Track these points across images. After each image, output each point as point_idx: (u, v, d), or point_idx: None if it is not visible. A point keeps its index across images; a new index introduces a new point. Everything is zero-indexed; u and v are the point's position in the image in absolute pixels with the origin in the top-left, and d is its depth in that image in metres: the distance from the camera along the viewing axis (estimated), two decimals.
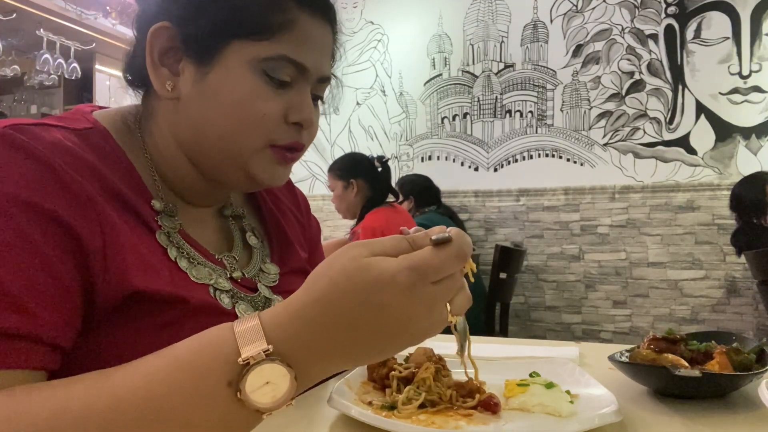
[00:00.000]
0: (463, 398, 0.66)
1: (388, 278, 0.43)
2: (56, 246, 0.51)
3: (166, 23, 0.64)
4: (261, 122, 0.63)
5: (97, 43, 3.75)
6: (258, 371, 0.43)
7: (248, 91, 0.62)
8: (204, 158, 0.67)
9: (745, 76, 3.21)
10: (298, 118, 0.65)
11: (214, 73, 0.62)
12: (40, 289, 0.49)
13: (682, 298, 3.30)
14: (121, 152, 0.64)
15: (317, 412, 0.65)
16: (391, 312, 0.43)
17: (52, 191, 0.52)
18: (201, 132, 0.65)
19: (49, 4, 3.31)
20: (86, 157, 0.58)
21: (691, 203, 3.29)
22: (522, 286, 3.57)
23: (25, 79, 3.85)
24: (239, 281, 0.70)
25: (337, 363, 0.46)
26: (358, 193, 2.58)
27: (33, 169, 0.52)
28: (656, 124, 3.36)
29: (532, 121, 3.64)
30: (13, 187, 0.50)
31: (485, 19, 3.76)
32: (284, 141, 0.65)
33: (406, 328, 0.44)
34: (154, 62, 0.64)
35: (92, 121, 0.65)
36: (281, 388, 0.43)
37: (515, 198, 3.65)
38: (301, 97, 0.65)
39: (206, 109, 0.63)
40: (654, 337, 0.79)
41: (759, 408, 0.67)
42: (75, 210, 0.53)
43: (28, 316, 0.47)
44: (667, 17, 3.35)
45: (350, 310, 0.43)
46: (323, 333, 0.44)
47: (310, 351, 0.44)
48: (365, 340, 0.44)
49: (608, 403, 0.62)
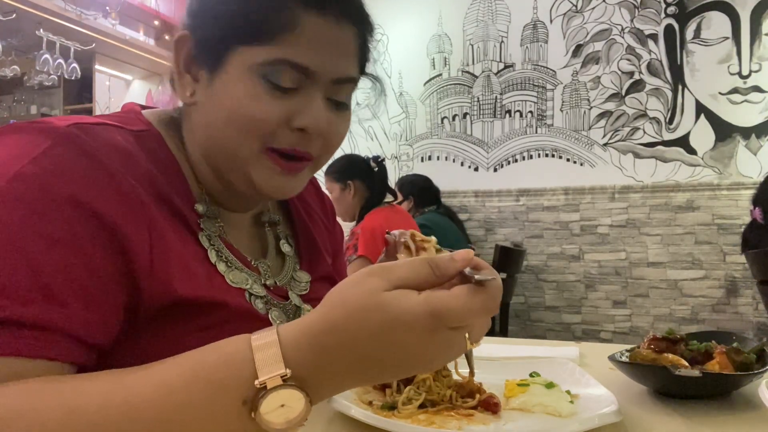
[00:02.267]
0: (463, 398, 0.66)
1: (407, 321, 0.42)
2: (102, 247, 0.52)
3: (185, 32, 0.65)
4: (256, 127, 0.61)
5: (97, 44, 3.74)
6: (274, 395, 0.43)
7: (245, 95, 0.61)
8: (215, 164, 0.67)
9: (744, 76, 3.21)
10: (302, 123, 0.62)
11: (218, 78, 0.63)
12: (79, 285, 0.50)
13: (682, 298, 3.30)
14: (172, 156, 0.66)
15: (317, 412, 0.65)
16: (408, 351, 0.44)
17: (106, 194, 0.53)
18: (209, 138, 0.66)
19: (49, 5, 3.31)
20: (141, 161, 0.60)
21: (690, 203, 3.29)
22: (522, 286, 3.57)
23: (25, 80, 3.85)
24: (272, 288, 0.71)
25: (348, 386, 0.47)
26: (356, 195, 2.58)
27: (91, 171, 0.53)
28: (656, 124, 3.36)
29: (532, 121, 3.64)
30: (70, 186, 0.51)
31: (485, 19, 3.76)
32: (281, 145, 0.63)
33: (422, 364, 0.46)
34: (179, 70, 0.66)
35: (146, 123, 0.66)
36: (295, 411, 0.44)
37: (515, 198, 3.65)
38: (307, 101, 0.63)
39: (211, 114, 0.64)
40: (654, 337, 0.79)
41: (759, 408, 0.67)
42: (126, 214, 0.54)
43: (64, 310, 0.48)
44: (666, 17, 3.35)
45: (363, 346, 0.43)
46: (339, 362, 0.44)
47: (325, 377, 0.45)
48: (379, 370, 0.45)
49: (608, 403, 0.62)
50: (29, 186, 0.50)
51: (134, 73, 4.44)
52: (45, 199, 0.50)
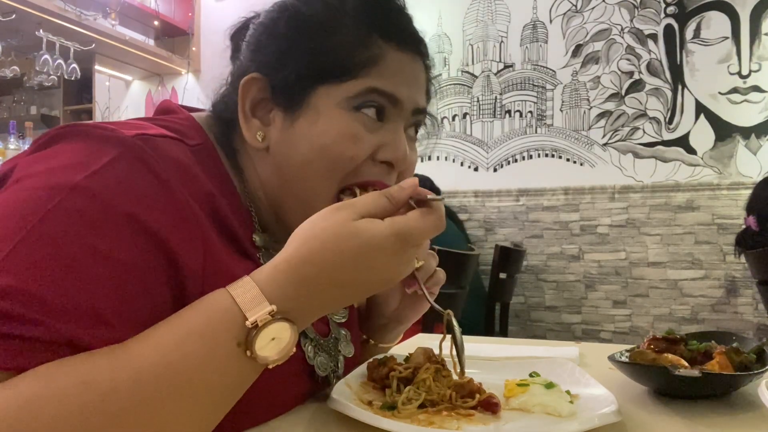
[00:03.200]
0: (463, 398, 0.66)
1: (377, 244, 0.50)
2: (156, 267, 0.51)
3: (256, 75, 0.63)
4: (345, 164, 0.61)
5: (97, 44, 3.74)
6: (266, 331, 0.48)
7: (338, 132, 0.61)
8: (281, 206, 0.66)
9: (744, 76, 3.21)
10: (388, 156, 0.63)
11: (303, 118, 0.62)
12: (129, 306, 0.49)
13: (682, 298, 3.29)
14: (228, 177, 0.65)
15: (317, 412, 0.65)
16: (378, 271, 0.51)
17: (165, 215, 0.52)
18: (284, 178, 0.64)
19: (49, 5, 3.31)
20: (202, 179, 0.58)
21: (690, 203, 3.29)
22: (522, 286, 3.57)
23: (25, 80, 3.86)
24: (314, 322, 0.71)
25: (328, 309, 0.54)
26: None
27: (152, 189, 0.52)
28: (656, 124, 3.36)
29: (532, 121, 3.64)
30: (130, 203, 0.50)
31: (485, 19, 3.76)
32: (362, 178, 0.63)
33: (388, 281, 0.53)
34: (246, 114, 0.64)
35: (201, 135, 0.64)
36: (284, 341, 0.49)
37: (515, 198, 3.65)
38: (394, 134, 0.64)
39: (292, 154, 0.62)
40: (654, 337, 0.79)
41: (759, 408, 0.67)
42: (182, 234, 0.53)
43: (110, 331, 0.47)
44: (666, 17, 3.35)
45: (341, 271, 0.50)
46: (319, 288, 0.50)
47: (307, 304, 0.50)
48: (354, 290, 0.52)
49: (608, 403, 0.62)
50: (89, 200, 0.48)
51: (134, 74, 4.44)
52: (103, 215, 0.48)
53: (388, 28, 0.64)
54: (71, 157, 0.51)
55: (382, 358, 0.72)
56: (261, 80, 0.64)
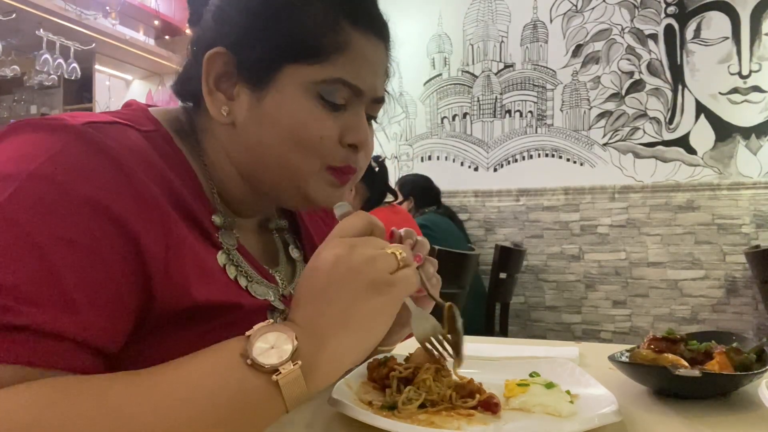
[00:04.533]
0: (463, 398, 0.66)
1: (328, 243, 0.55)
2: (118, 250, 0.51)
3: (221, 49, 0.63)
4: (319, 145, 0.63)
5: (97, 43, 3.74)
6: (263, 338, 0.49)
7: (306, 114, 0.62)
8: (261, 180, 0.67)
9: (744, 76, 3.21)
10: (353, 139, 0.65)
11: (269, 97, 0.62)
12: (95, 291, 0.49)
13: (682, 298, 3.29)
14: (185, 160, 0.65)
15: (317, 412, 0.65)
16: (341, 262, 0.53)
17: (123, 196, 0.52)
18: (258, 156, 0.65)
19: (49, 4, 3.31)
20: (157, 163, 0.58)
21: (690, 203, 3.29)
22: (522, 286, 3.57)
23: (25, 80, 3.85)
24: (288, 297, 0.71)
25: (337, 335, 0.52)
26: (356, 195, 2.57)
27: (108, 171, 0.52)
28: (656, 124, 3.36)
29: (532, 121, 3.64)
30: (88, 186, 0.50)
31: (485, 19, 3.76)
32: (339, 163, 0.66)
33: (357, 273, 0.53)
34: (210, 88, 0.64)
35: (154, 122, 0.64)
36: (285, 349, 0.49)
37: (515, 198, 3.65)
38: (356, 118, 0.66)
39: (263, 133, 0.63)
40: (654, 337, 0.79)
41: (759, 408, 0.67)
42: (143, 217, 0.53)
43: (79, 318, 0.47)
44: (666, 17, 3.35)
45: (318, 278, 0.53)
46: (306, 301, 0.53)
47: (303, 318, 0.52)
48: (337, 292, 0.52)
49: (608, 403, 0.62)
50: (47, 185, 0.49)
51: (134, 73, 4.44)
52: (63, 200, 0.49)
53: (356, 13, 0.64)
54: (23, 148, 0.51)
55: (382, 358, 0.72)
56: (226, 55, 0.64)
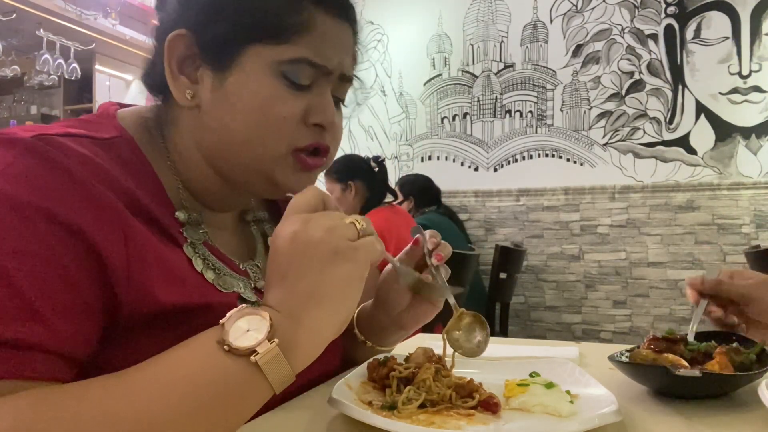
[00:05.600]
0: (463, 398, 0.66)
1: (287, 225, 0.55)
2: (77, 258, 0.50)
3: (182, 31, 0.63)
4: (282, 125, 0.62)
5: (97, 44, 3.75)
6: (237, 323, 0.50)
7: (268, 94, 0.61)
8: (228, 166, 0.66)
9: (745, 76, 3.21)
10: (318, 119, 0.64)
11: (232, 78, 0.62)
12: (58, 299, 0.48)
13: (682, 298, 3.29)
14: (146, 162, 0.64)
15: (317, 412, 0.65)
16: (298, 238, 0.53)
17: (76, 204, 0.51)
18: (223, 140, 0.64)
19: (49, 4, 3.31)
20: (112, 171, 0.57)
21: (691, 203, 3.29)
22: (522, 286, 3.57)
23: (25, 80, 3.86)
24: (262, 290, 0.69)
25: (299, 297, 0.52)
26: (357, 195, 2.57)
27: (59, 181, 0.51)
28: (656, 124, 3.36)
29: (532, 121, 3.64)
30: (38, 197, 0.49)
31: (485, 19, 3.76)
32: (305, 143, 0.64)
33: (317, 244, 0.53)
34: (173, 71, 0.64)
35: (118, 128, 0.63)
36: (261, 329, 0.49)
37: (515, 198, 3.65)
38: (321, 98, 0.65)
39: (227, 115, 0.63)
40: (654, 337, 0.79)
41: (759, 408, 0.67)
42: (99, 224, 0.52)
43: (45, 327, 0.47)
44: (666, 17, 3.35)
45: (280, 257, 0.53)
46: (273, 282, 0.54)
47: (274, 300, 0.53)
48: (301, 267, 0.52)
49: (608, 403, 0.62)
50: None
51: (134, 73, 4.44)
52: (15, 213, 0.48)
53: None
54: None
55: (382, 358, 0.72)
56: (188, 37, 0.63)
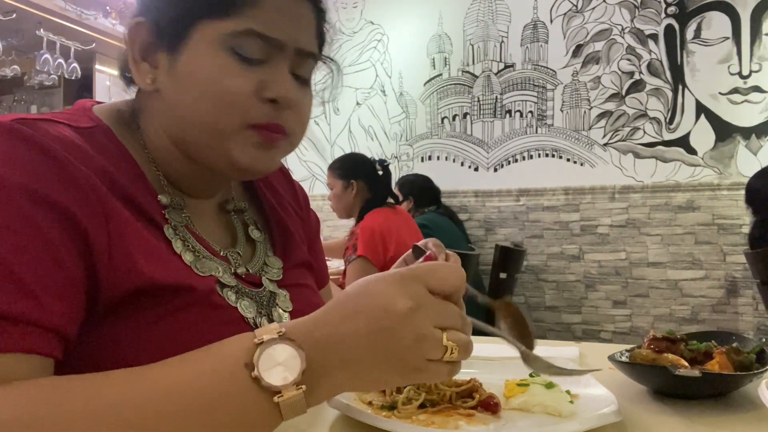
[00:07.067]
0: (463, 398, 0.66)
1: (380, 276, 0.50)
2: (60, 235, 0.51)
3: (141, 18, 0.64)
4: (231, 100, 0.60)
5: (97, 43, 3.74)
6: (270, 351, 0.45)
7: (215, 69, 0.60)
8: (191, 148, 0.65)
9: (745, 76, 3.21)
10: (272, 93, 0.62)
11: (183, 57, 0.62)
12: (47, 276, 0.49)
13: (682, 298, 3.29)
14: (125, 150, 0.64)
15: (317, 412, 0.65)
16: (380, 297, 0.47)
17: (58, 183, 0.52)
18: (181, 120, 0.64)
19: (49, 4, 3.31)
20: (94, 156, 0.58)
21: (691, 203, 3.29)
22: (522, 286, 3.57)
23: (25, 79, 3.85)
24: (243, 277, 0.69)
25: (349, 370, 0.48)
26: (357, 195, 2.57)
27: (41, 161, 0.52)
28: (656, 124, 3.36)
29: (532, 121, 3.64)
30: (21, 177, 0.50)
31: (485, 19, 3.76)
32: (261, 120, 0.62)
33: (396, 342, 0.47)
34: (135, 58, 0.65)
35: (95, 119, 0.64)
36: (293, 371, 0.45)
37: (515, 198, 3.65)
38: (275, 73, 0.63)
39: (179, 95, 0.62)
40: (654, 337, 0.79)
41: (759, 408, 0.67)
42: (81, 202, 0.53)
43: (37, 304, 0.47)
44: (667, 17, 3.35)
45: (346, 305, 0.49)
46: (328, 326, 0.48)
47: (318, 338, 0.47)
48: (365, 342, 0.47)
49: (608, 403, 0.62)
50: None
51: None
52: None
53: None
54: None
55: None
56: (147, 23, 0.64)
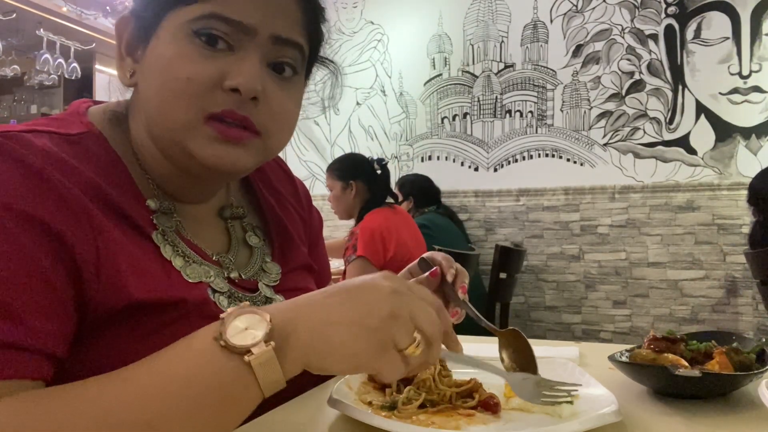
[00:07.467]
0: (463, 398, 0.66)
1: (371, 279, 0.52)
2: (48, 255, 0.50)
3: (127, 14, 0.64)
4: (187, 87, 0.58)
5: (97, 43, 3.74)
6: (237, 320, 0.47)
7: (175, 56, 0.58)
8: (160, 144, 0.64)
9: (745, 76, 3.21)
10: (233, 83, 0.58)
11: (151, 46, 0.61)
12: (33, 297, 0.48)
13: (682, 298, 3.29)
14: (115, 156, 0.63)
15: (317, 412, 0.65)
16: (367, 307, 0.49)
17: (44, 201, 0.51)
18: (149, 114, 0.62)
19: (49, 4, 3.31)
20: (78, 167, 0.56)
21: (691, 203, 3.29)
22: (522, 286, 3.57)
23: (25, 79, 3.85)
24: (236, 282, 0.68)
25: (315, 340, 0.48)
26: (357, 195, 2.57)
27: (24, 179, 0.51)
28: (656, 124, 3.36)
29: (532, 121, 3.64)
30: (4, 196, 0.49)
31: (485, 19, 3.76)
32: (217, 109, 0.59)
33: (372, 310, 0.48)
34: (121, 54, 0.64)
35: (87, 124, 0.63)
36: (259, 330, 0.47)
37: (515, 198, 3.65)
38: (241, 61, 0.59)
39: (146, 87, 0.62)
40: (654, 337, 0.79)
41: (759, 408, 0.67)
42: (67, 220, 0.52)
43: (22, 325, 0.46)
44: (667, 17, 3.35)
45: (332, 296, 0.50)
46: (306, 307, 0.50)
47: (290, 316, 0.49)
48: (338, 328, 0.48)
49: (608, 403, 0.62)
50: None
51: None
52: None
53: None
54: None
55: None
56: (132, 20, 0.64)
